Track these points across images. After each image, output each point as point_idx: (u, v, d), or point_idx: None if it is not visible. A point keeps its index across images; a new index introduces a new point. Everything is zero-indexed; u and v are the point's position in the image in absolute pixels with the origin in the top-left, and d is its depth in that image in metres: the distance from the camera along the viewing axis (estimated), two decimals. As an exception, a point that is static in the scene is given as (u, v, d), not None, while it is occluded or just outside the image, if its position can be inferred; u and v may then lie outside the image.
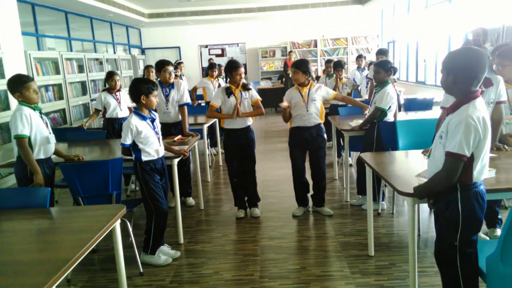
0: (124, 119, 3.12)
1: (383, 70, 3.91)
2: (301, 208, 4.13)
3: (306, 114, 3.83)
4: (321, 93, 3.87)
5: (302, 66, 3.81)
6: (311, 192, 4.16)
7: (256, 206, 4.22)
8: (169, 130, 4.32)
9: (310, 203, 4.20)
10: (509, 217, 1.78)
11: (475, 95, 1.93)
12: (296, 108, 3.84)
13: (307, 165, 4.06)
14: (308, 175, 4.11)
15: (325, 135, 4.21)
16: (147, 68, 6.68)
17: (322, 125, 3.97)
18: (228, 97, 3.89)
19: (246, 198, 4.21)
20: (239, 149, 4.01)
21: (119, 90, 5.19)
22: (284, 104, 3.80)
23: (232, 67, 3.88)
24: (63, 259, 1.75)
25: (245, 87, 3.97)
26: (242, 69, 3.92)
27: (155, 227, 3.18)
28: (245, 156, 4.05)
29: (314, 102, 3.83)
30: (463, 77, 1.92)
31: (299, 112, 3.84)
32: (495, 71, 3.24)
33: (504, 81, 3.14)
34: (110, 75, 5.18)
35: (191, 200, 4.58)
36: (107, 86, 5.22)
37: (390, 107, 3.90)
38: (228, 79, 3.97)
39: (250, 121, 4.03)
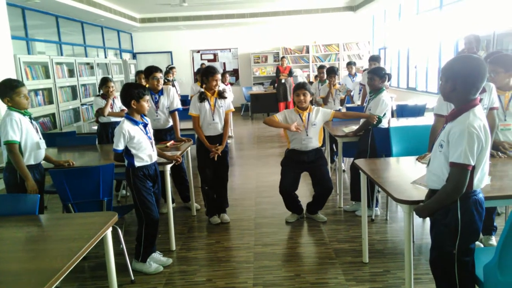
0: (118, 123, 3.07)
1: (377, 77, 3.91)
2: (295, 215, 4.10)
3: (306, 139, 3.75)
4: (320, 117, 3.79)
5: (309, 87, 3.75)
6: (303, 200, 4.13)
7: (225, 211, 4.19)
8: (161, 136, 4.28)
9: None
10: (507, 225, 1.77)
11: (474, 103, 1.92)
12: (295, 131, 3.72)
13: (307, 182, 3.98)
14: (302, 187, 4.04)
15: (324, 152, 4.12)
16: (138, 74, 6.59)
17: (320, 148, 3.89)
18: (201, 102, 3.86)
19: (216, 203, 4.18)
20: (212, 156, 3.94)
21: (114, 97, 5.11)
22: (296, 127, 3.67)
23: (208, 72, 3.83)
24: (53, 268, 1.70)
25: (221, 95, 3.93)
26: (219, 76, 3.86)
27: (146, 235, 3.13)
28: (218, 162, 3.98)
29: (314, 127, 3.76)
30: (462, 85, 1.91)
31: (298, 136, 3.75)
32: (487, 78, 3.25)
33: (496, 88, 3.16)
34: (104, 82, 5.09)
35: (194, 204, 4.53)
36: (101, 92, 5.14)
37: (385, 114, 3.90)
38: (204, 85, 3.92)
39: (222, 129, 3.99)
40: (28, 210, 2.44)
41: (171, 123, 4.41)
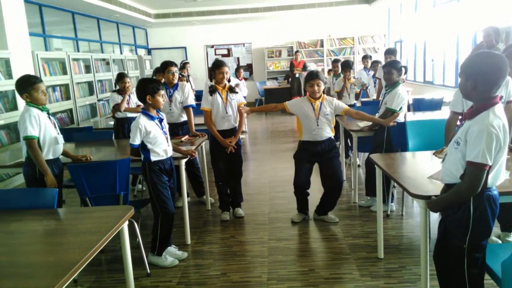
0: (134, 119, 3.10)
1: (395, 70, 3.85)
2: (301, 215, 4.00)
3: (316, 129, 3.66)
4: (332, 108, 3.68)
5: (322, 76, 3.67)
6: (314, 197, 4.07)
7: (239, 206, 4.20)
8: (175, 130, 4.32)
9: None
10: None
11: (494, 101, 1.87)
12: (306, 121, 3.68)
13: (318, 179, 3.95)
14: (313, 183, 3.97)
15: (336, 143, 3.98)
16: (157, 72, 6.55)
17: (333, 137, 3.80)
18: (211, 95, 3.87)
19: (230, 199, 4.18)
20: (226, 150, 3.92)
21: (130, 93, 5.14)
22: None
23: (215, 65, 3.86)
24: (70, 261, 1.73)
25: (232, 90, 3.94)
26: (226, 69, 3.86)
27: (161, 229, 3.17)
28: (232, 157, 3.98)
29: (326, 116, 3.66)
30: (483, 83, 1.86)
31: (309, 126, 3.68)
32: None
33: None
34: (121, 78, 5.12)
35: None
36: (117, 87, 5.19)
37: (401, 108, 3.85)
38: (214, 79, 3.92)
39: (236, 122, 4.01)
40: (46, 204, 2.48)
41: (184, 117, 4.44)
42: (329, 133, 3.73)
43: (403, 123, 3.76)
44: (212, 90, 3.88)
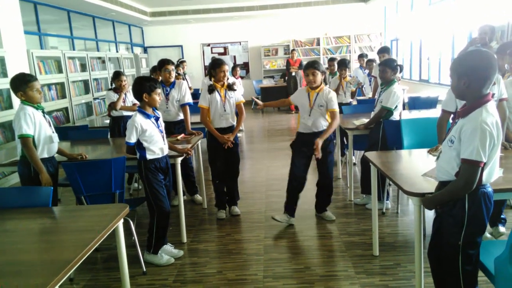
0: (130, 117, 3.11)
1: (389, 68, 3.87)
2: (286, 216, 3.83)
3: (308, 118, 3.65)
4: (326, 99, 3.60)
5: (319, 66, 3.59)
6: (309, 194, 4.09)
7: (236, 204, 4.21)
8: (170, 128, 4.31)
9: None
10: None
11: (486, 98, 1.89)
12: (301, 110, 3.72)
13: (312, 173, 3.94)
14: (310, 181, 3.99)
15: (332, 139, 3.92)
16: (155, 70, 6.57)
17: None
18: (210, 93, 3.87)
19: (226, 198, 4.19)
20: (223, 149, 3.92)
21: (126, 91, 5.13)
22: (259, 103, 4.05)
23: (215, 64, 3.86)
24: (65, 259, 1.73)
25: (230, 87, 3.95)
26: (226, 67, 3.87)
27: (157, 227, 3.17)
28: (230, 156, 3.99)
29: (320, 108, 3.62)
30: (476, 78, 1.87)
31: (303, 116, 3.70)
32: (507, 69, 3.24)
33: None
34: (117, 76, 5.11)
35: (199, 198, 4.58)
36: (113, 85, 5.18)
37: (396, 106, 3.86)
38: (213, 78, 3.92)
39: (234, 120, 4.02)
40: (41, 203, 2.48)
41: (181, 116, 4.44)
42: (322, 126, 3.66)
43: (398, 121, 3.78)
44: (212, 89, 3.88)
